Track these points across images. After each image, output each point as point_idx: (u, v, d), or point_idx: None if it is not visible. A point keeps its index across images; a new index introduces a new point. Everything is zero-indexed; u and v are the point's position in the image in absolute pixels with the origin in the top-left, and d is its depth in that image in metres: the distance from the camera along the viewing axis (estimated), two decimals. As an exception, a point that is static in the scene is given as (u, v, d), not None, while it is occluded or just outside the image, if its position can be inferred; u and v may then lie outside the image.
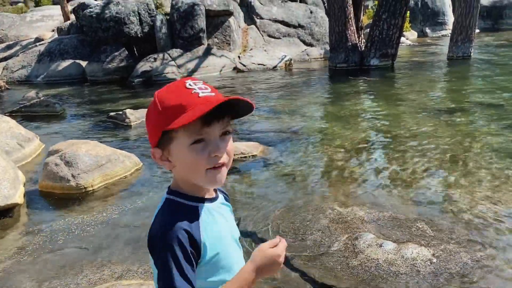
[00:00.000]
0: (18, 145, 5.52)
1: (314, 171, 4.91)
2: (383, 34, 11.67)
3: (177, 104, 1.03)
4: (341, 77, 11.19)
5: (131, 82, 11.72)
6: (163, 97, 1.06)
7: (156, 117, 1.05)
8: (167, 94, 1.06)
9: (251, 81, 11.28)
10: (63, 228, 3.81)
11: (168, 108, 1.03)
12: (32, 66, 13.22)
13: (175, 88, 1.07)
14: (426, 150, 5.27)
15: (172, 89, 1.08)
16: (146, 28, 12.89)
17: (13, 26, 22.76)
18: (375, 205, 3.88)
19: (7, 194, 3.90)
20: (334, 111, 7.85)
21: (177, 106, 1.02)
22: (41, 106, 8.49)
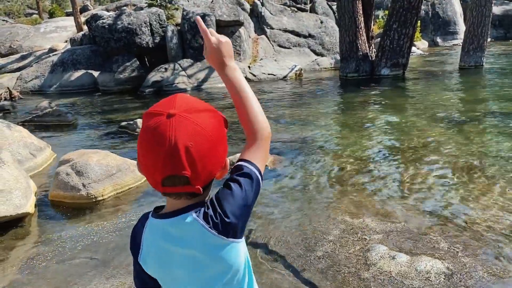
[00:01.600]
0: (30, 154, 5.56)
1: (325, 181, 4.86)
2: (394, 44, 11.63)
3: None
4: (352, 87, 11.16)
5: (142, 92, 11.81)
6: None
7: (225, 131, 1.05)
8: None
9: (261, 91, 11.29)
10: (73, 238, 3.82)
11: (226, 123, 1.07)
12: (45, 76, 13.41)
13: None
14: (439, 160, 5.20)
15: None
16: (157, 38, 13.02)
17: (27, 37, 23.18)
18: (387, 216, 3.82)
19: (18, 204, 3.92)
20: (344, 121, 7.80)
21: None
22: (53, 116, 8.58)
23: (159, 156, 0.93)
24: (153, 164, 0.95)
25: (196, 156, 0.93)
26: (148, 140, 0.95)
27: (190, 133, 0.93)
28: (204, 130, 0.95)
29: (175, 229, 1.02)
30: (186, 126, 0.93)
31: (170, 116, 0.94)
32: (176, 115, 0.94)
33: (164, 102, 0.99)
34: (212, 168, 0.98)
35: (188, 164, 0.93)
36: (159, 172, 0.95)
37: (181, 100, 0.99)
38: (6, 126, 5.67)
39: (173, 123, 0.93)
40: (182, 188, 0.97)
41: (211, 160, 0.97)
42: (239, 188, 1.03)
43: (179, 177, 0.95)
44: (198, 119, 0.95)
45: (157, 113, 0.96)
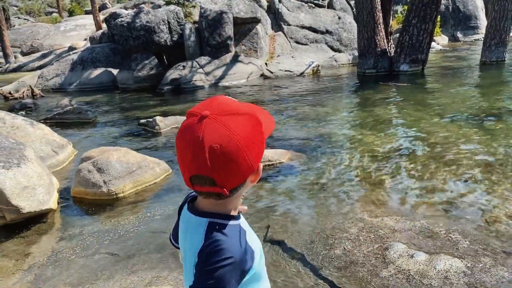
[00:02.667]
0: (53, 151, 5.68)
1: (343, 179, 4.85)
2: (413, 39, 11.48)
3: (263, 113, 1.09)
4: (370, 83, 11.06)
5: (161, 89, 11.92)
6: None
7: (260, 127, 1.02)
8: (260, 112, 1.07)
9: (278, 88, 11.29)
10: (95, 234, 3.90)
11: (262, 116, 1.05)
12: (66, 75, 13.64)
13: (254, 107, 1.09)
14: (459, 158, 5.13)
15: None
16: (175, 36, 13.11)
17: (48, 36, 23.64)
18: (405, 214, 3.80)
19: (42, 200, 4.02)
20: (363, 118, 7.75)
21: (264, 114, 1.08)
22: (74, 114, 8.73)
23: (187, 155, 0.97)
24: (182, 162, 1.00)
25: (222, 158, 0.95)
26: (180, 139, 1.00)
27: (218, 136, 0.95)
28: (234, 134, 0.96)
29: (188, 224, 1.10)
30: (215, 128, 0.95)
31: (203, 118, 0.97)
32: (208, 117, 0.96)
33: (204, 103, 1.02)
34: (240, 172, 0.99)
35: (213, 165, 0.95)
36: (187, 170, 0.99)
37: (218, 102, 1.01)
38: (29, 123, 5.80)
39: (204, 125, 0.96)
40: (209, 188, 1.00)
41: (239, 164, 0.97)
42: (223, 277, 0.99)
43: (205, 178, 0.98)
44: (230, 122, 0.97)
45: (194, 113, 0.99)
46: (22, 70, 18.64)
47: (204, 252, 1.00)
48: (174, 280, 3.04)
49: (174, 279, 3.05)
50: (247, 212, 4.08)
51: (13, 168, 3.97)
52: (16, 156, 4.16)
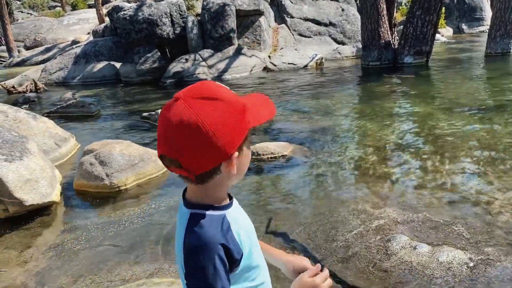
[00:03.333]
0: (56, 144, 5.69)
1: (345, 171, 4.84)
2: (417, 31, 11.38)
3: (260, 102, 1.07)
4: (374, 76, 11.00)
5: (163, 83, 11.90)
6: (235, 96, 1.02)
7: (241, 115, 0.99)
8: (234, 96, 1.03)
9: (281, 81, 11.24)
10: (97, 226, 3.91)
11: (255, 105, 1.04)
12: (69, 68, 13.64)
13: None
14: (463, 150, 5.10)
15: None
16: (177, 29, 13.07)
17: (51, 30, 23.63)
18: (408, 206, 3.78)
19: (45, 193, 4.03)
20: (366, 110, 7.71)
21: (260, 103, 1.07)
22: (77, 107, 8.74)
23: (158, 135, 1.00)
24: (157, 140, 1.01)
25: (186, 141, 0.94)
26: (158, 119, 1.02)
27: (185, 118, 0.93)
28: (202, 117, 0.93)
29: (179, 216, 1.08)
30: (184, 110, 0.94)
31: (175, 100, 0.97)
32: (180, 100, 0.96)
33: (188, 87, 1.02)
34: (205, 157, 0.96)
35: (177, 147, 0.95)
36: (158, 149, 1.01)
37: (199, 86, 1.00)
38: (32, 117, 5.81)
39: (174, 107, 0.95)
40: (176, 170, 0.99)
41: (204, 148, 0.95)
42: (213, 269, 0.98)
43: (170, 159, 0.98)
44: (202, 105, 0.94)
45: (173, 97, 1.00)
46: (25, 64, 18.66)
47: (185, 247, 0.99)
48: (176, 272, 3.04)
49: (175, 271, 3.05)
50: (250, 204, 4.08)
51: (15, 161, 3.97)
52: (18, 149, 4.17)
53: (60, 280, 3.09)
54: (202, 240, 0.97)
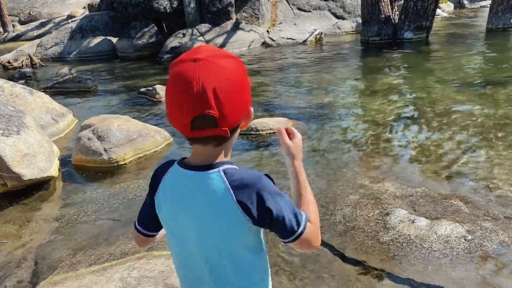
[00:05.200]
0: (53, 120, 5.65)
1: (344, 146, 4.83)
2: (418, 6, 11.20)
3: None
4: (374, 51, 10.87)
5: (161, 58, 11.76)
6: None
7: (247, 82, 1.05)
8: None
9: (280, 56, 11.11)
10: (96, 201, 3.91)
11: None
12: (65, 43, 13.45)
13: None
14: (462, 125, 5.08)
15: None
16: (174, 3, 12.83)
17: (46, 4, 23.19)
18: (407, 180, 3.79)
19: (42, 167, 4.02)
20: (366, 86, 7.65)
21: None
22: (73, 82, 8.65)
23: (188, 98, 0.95)
24: (181, 107, 0.97)
25: (223, 97, 0.96)
26: (176, 84, 0.98)
27: (217, 75, 0.96)
28: (231, 74, 0.98)
29: (197, 183, 1.05)
30: (212, 68, 0.96)
31: (196, 61, 0.96)
32: (203, 59, 0.96)
33: (189, 51, 1.02)
34: (238, 112, 1.01)
35: (216, 104, 0.95)
36: (188, 113, 0.97)
37: (206, 47, 1.01)
38: (28, 92, 5.75)
39: (200, 67, 0.95)
40: (210, 131, 0.99)
41: (237, 103, 1.00)
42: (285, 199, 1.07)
43: (208, 118, 0.96)
44: (225, 63, 0.98)
45: (183, 60, 0.98)
46: (20, 39, 18.36)
47: (250, 187, 1.02)
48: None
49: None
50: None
51: (13, 136, 3.94)
52: (15, 124, 4.14)
53: (60, 253, 3.11)
54: (257, 174, 1.06)
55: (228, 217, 1.03)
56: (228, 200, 1.02)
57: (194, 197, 1.06)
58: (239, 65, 1.03)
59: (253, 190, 1.02)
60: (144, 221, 1.25)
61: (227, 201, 1.02)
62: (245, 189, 1.02)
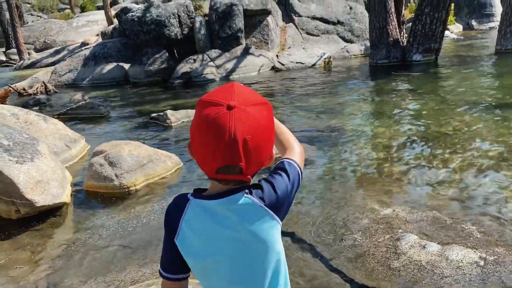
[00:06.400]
0: (66, 146, 5.75)
1: (353, 170, 4.82)
2: (426, 29, 11.30)
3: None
4: (383, 74, 10.94)
5: (172, 83, 11.95)
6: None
7: (273, 128, 1.09)
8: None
9: (289, 80, 11.23)
10: (107, 227, 3.94)
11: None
12: (78, 70, 13.76)
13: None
14: (473, 149, 5.05)
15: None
16: (185, 30, 13.12)
17: (60, 32, 23.83)
18: (417, 205, 3.76)
19: (55, 194, 4.07)
20: (375, 109, 7.68)
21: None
22: (86, 108, 8.82)
23: (218, 147, 0.97)
24: (211, 153, 0.99)
25: (252, 148, 0.98)
26: (208, 130, 0.98)
27: (248, 127, 0.98)
28: (260, 124, 1.00)
29: (227, 210, 1.05)
30: (245, 119, 0.97)
31: (230, 108, 0.97)
32: (236, 108, 0.98)
33: (223, 92, 1.03)
34: (263, 159, 1.05)
35: (244, 155, 0.98)
36: (217, 161, 0.99)
37: (238, 91, 1.02)
38: (42, 119, 5.87)
39: (234, 116, 0.97)
40: (234, 177, 1.02)
41: (263, 152, 1.03)
42: (285, 175, 1.14)
43: (234, 167, 0.99)
44: (256, 112, 1.00)
45: (217, 103, 0.99)
46: (36, 66, 18.83)
47: (273, 192, 1.08)
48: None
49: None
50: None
51: (27, 163, 4.02)
52: (29, 151, 4.22)
53: (70, 280, 3.13)
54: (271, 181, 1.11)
55: (267, 231, 1.07)
56: (261, 214, 1.06)
57: (227, 225, 1.05)
58: (269, 111, 1.05)
59: (276, 198, 1.08)
60: (172, 267, 1.16)
61: (261, 215, 1.06)
62: (271, 198, 1.07)
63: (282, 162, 1.18)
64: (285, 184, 1.11)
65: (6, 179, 3.82)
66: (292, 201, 1.16)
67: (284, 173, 1.13)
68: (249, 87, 1.09)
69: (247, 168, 1.00)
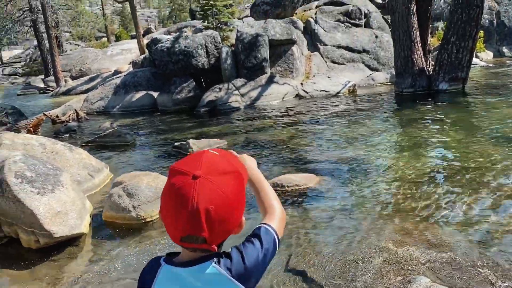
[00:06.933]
0: (89, 175, 5.93)
1: (371, 205, 4.74)
2: (452, 57, 11.16)
3: (236, 160, 1.18)
4: (408, 103, 10.81)
5: (198, 111, 12.19)
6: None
7: (243, 181, 1.08)
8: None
9: (312, 108, 11.25)
10: (123, 258, 4.01)
11: (245, 178, 1.13)
12: (109, 98, 14.24)
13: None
14: (499, 186, 4.88)
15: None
16: (212, 59, 13.44)
17: (96, 60, 24.85)
18: (433, 244, 3.66)
19: (73, 224, 4.19)
20: (398, 139, 7.58)
21: (237, 160, 1.18)
22: (113, 137, 9.07)
23: (181, 216, 0.99)
24: (174, 222, 1.01)
25: (216, 219, 0.98)
26: (172, 199, 1.01)
27: (212, 197, 0.98)
28: (225, 194, 1.00)
29: (195, 279, 1.05)
30: (209, 189, 0.98)
31: (195, 178, 0.99)
32: (201, 178, 0.99)
33: (191, 161, 1.04)
34: (230, 229, 1.04)
35: (207, 226, 0.98)
36: (179, 230, 1.00)
37: (207, 160, 1.04)
38: (68, 148, 6.09)
39: (197, 186, 0.98)
40: (198, 246, 1.02)
41: (229, 222, 1.02)
42: (259, 243, 1.10)
43: (197, 237, 1.00)
44: (221, 182, 1.00)
45: (184, 172, 1.01)
46: (71, 93, 19.65)
47: (243, 266, 1.06)
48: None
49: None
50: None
51: (47, 194, 4.17)
52: (51, 182, 4.38)
53: (81, 314, 3.18)
54: (239, 254, 1.08)
55: None
56: (227, 285, 1.03)
57: None
58: (237, 180, 1.05)
59: (244, 268, 1.05)
60: None
61: (227, 286, 1.03)
62: (239, 269, 1.04)
63: (259, 228, 1.15)
64: (257, 253, 1.08)
65: (27, 210, 3.97)
66: (267, 267, 1.13)
67: (258, 241, 1.10)
68: (219, 155, 1.09)
69: (211, 238, 1.00)
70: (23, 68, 32.40)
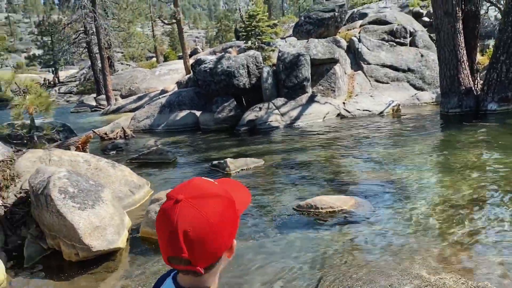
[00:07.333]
0: (130, 191, 6.15)
1: (407, 229, 4.61)
2: (502, 77, 10.71)
3: (236, 188, 1.17)
4: (453, 123, 10.46)
5: (238, 130, 12.37)
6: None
7: (233, 206, 1.10)
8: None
9: (354, 128, 11.12)
10: (156, 274, 4.11)
11: (234, 191, 1.13)
12: (155, 117, 14.75)
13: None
14: (544, 211, 4.63)
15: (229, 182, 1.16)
16: (253, 79, 13.64)
17: (144, 80, 25.89)
18: (469, 273, 3.51)
19: (111, 239, 4.36)
20: (442, 161, 7.33)
21: (237, 189, 1.16)
22: (156, 154, 9.38)
23: (163, 238, 1.05)
24: (161, 243, 1.07)
25: (195, 240, 1.02)
26: (159, 222, 1.07)
27: (190, 219, 1.02)
28: (206, 217, 1.03)
29: None
30: (187, 212, 1.03)
31: (177, 202, 1.04)
32: (182, 201, 1.04)
33: (179, 187, 1.10)
34: (213, 251, 1.07)
35: (186, 247, 1.02)
36: (164, 251, 1.07)
37: (193, 185, 1.09)
38: (111, 165, 6.37)
39: (178, 209, 1.03)
40: (185, 267, 1.06)
41: (212, 244, 1.05)
42: None
43: (180, 259, 1.04)
44: (202, 205, 1.04)
45: (169, 197, 1.07)
46: (120, 111, 20.50)
47: None
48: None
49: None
50: (302, 261, 4.04)
51: (87, 209, 4.38)
52: (92, 198, 4.60)
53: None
54: None
55: None
56: None
57: None
58: (223, 203, 1.07)
59: None
60: None
61: None
62: None
63: None
64: None
65: (68, 224, 4.18)
66: None
67: None
68: (211, 181, 1.13)
69: (194, 259, 1.03)
70: (78, 87, 34.28)
